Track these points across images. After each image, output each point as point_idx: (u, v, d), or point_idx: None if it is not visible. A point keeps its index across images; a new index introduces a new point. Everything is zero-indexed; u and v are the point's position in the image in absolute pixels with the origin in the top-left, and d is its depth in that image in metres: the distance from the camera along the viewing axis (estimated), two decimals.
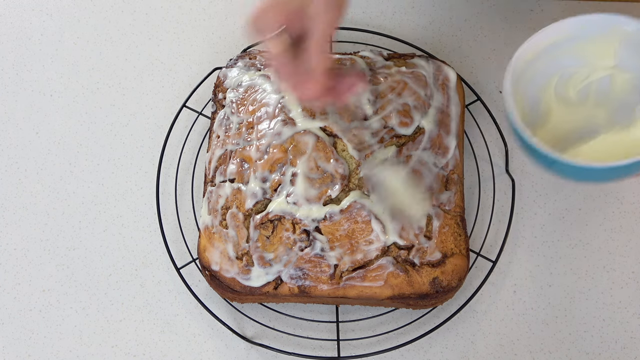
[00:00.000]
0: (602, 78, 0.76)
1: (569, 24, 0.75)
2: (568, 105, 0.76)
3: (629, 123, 0.73)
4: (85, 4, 1.02)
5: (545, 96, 0.77)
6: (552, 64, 0.76)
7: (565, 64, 0.77)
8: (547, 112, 0.76)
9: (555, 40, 0.76)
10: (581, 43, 0.76)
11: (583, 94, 0.76)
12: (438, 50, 0.97)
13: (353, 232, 0.80)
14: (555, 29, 0.75)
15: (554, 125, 0.76)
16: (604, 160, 0.69)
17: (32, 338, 0.88)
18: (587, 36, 0.75)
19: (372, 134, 0.83)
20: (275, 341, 0.86)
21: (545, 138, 0.72)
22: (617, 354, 0.84)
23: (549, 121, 0.76)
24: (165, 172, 0.93)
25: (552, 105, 0.76)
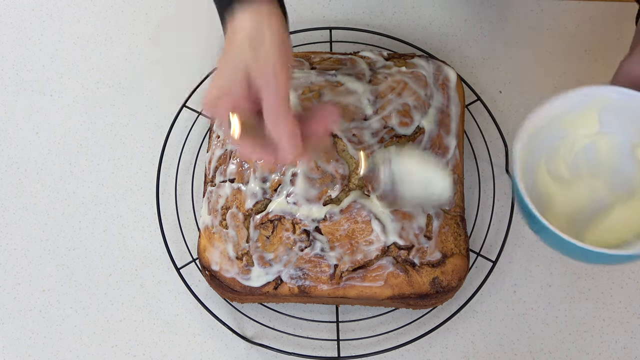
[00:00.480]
0: (587, 146, 0.72)
1: (554, 105, 0.72)
2: (565, 184, 0.73)
3: (631, 191, 0.72)
4: (85, 4, 1.02)
5: (540, 180, 0.74)
6: (538, 145, 0.72)
7: (548, 142, 0.75)
8: (547, 196, 0.74)
9: (541, 124, 0.73)
10: (564, 117, 0.74)
11: (574, 167, 0.73)
12: (438, 50, 0.97)
13: (353, 232, 0.80)
14: (544, 111, 0.72)
15: (559, 210, 0.73)
16: (622, 238, 0.67)
17: (32, 338, 0.88)
18: (569, 110, 0.73)
19: (372, 134, 0.83)
20: (275, 341, 0.86)
21: (557, 225, 0.68)
22: (617, 354, 0.84)
23: (553, 205, 0.74)
24: (165, 172, 0.93)
25: (550, 189, 0.73)
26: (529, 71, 0.96)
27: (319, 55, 0.89)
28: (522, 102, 0.94)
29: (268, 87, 0.66)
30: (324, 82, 0.85)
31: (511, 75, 0.96)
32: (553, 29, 0.97)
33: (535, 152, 0.72)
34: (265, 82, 0.66)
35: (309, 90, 0.85)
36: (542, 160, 0.73)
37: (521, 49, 0.97)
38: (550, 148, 0.74)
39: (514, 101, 0.94)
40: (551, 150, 0.73)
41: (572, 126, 0.73)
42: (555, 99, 0.71)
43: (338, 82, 0.85)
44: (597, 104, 0.71)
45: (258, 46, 0.66)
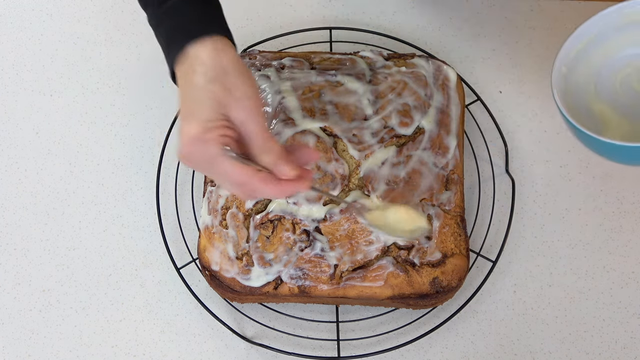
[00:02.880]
0: (633, 64, 0.75)
1: (584, 30, 0.75)
2: (617, 106, 0.75)
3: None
4: (85, 4, 1.02)
5: (593, 105, 0.77)
6: (584, 73, 0.77)
7: (595, 69, 0.77)
8: (602, 118, 0.76)
9: (581, 46, 0.76)
10: (604, 42, 0.76)
11: (625, 87, 0.76)
12: (438, 50, 0.97)
13: (353, 232, 0.80)
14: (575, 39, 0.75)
15: (616, 130, 0.75)
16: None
17: (32, 338, 0.88)
18: (605, 34, 0.75)
19: (372, 134, 0.83)
20: (275, 341, 0.86)
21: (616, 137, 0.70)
22: (617, 354, 0.84)
23: (610, 126, 0.76)
24: (165, 172, 0.93)
25: (604, 112, 0.76)
26: (529, 71, 0.96)
27: (319, 55, 0.89)
28: (522, 102, 0.94)
29: (250, 119, 0.64)
30: (324, 82, 0.85)
31: (511, 75, 0.96)
32: (553, 29, 0.97)
33: (582, 80, 0.76)
34: (245, 114, 0.64)
35: (309, 90, 0.85)
36: (591, 87, 0.76)
37: (521, 49, 0.97)
38: (597, 75, 0.76)
39: (514, 101, 0.94)
40: (598, 77, 0.76)
41: (615, 49, 0.76)
42: (580, 27, 0.75)
43: (338, 82, 0.85)
44: (630, 17, 0.74)
45: (223, 77, 0.65)
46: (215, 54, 0.65)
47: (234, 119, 0.65)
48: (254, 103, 0.65)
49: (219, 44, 0.66)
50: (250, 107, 0.65)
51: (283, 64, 0.88)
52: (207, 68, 0.65)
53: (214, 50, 0.65)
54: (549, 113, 0.93)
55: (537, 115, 0.94)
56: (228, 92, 0.65)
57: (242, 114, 0.65)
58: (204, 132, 0.63)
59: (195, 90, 0.65)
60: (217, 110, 0.64)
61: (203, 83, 0.65)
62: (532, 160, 0.92)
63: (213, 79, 0.65)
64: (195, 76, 0.65)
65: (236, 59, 0.66)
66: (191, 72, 0.65)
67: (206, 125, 0.63)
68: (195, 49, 0.66)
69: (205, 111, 0.64)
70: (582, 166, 0.91)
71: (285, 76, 0.86)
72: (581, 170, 0.91)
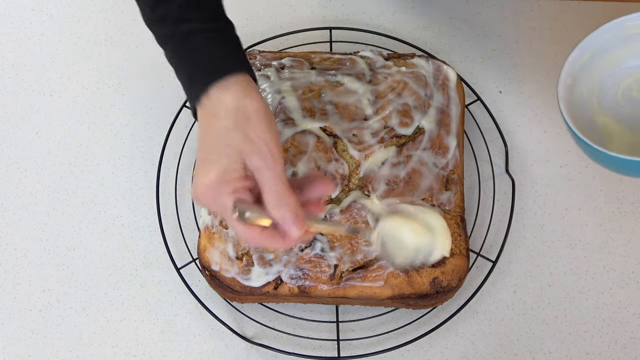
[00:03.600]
0: (635, 76, 0.77)
1: (589, 41, 0.76)
2: (620, 117, 0.76)
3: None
4: (85, 4, 1.02)
5: (596, 116, 0.78)
6: (587, 84, 0.78)
7: (598, 80, 0.78)
8: (605, 129, 0.77)
9: (586, 58, 0.76)
10: (607, 53, 0.77)
11: (627, 99, 0.77)
12: (438, 50, 0.97)
13: None
14: (580, 50, 0.76)
15: (619, 141, 0.76)
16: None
17: (32, 338, 0.88)
18: (609, 46, 0.76)
19: (372, 134, 0.83)
20: (275, 341, 0.86)
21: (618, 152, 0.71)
22: (617, 354, 0.84)
23: (612, 137, 0.77)
24: (165, 172, 0.93)
25: (607, 123, 0.77)
26: (529, 71, 0.96)
27: (319, 55, 0.89)
28: (522, 102, 0.94)
29: (266, 166, 0.64)
30: (324, 82, 0.85)
31: (511, 75, 0.96)
32: (553, 29, 0.97)
33: (586, 91, 0.77)
34: (261, 161, 0.64)
35: (309, 90, 0.85)
36: (594, 98, 0.77)
37: (521, 49, 0.97)
38: (600, 86, 0.77)
39: (514, 101, 0.94)
40: (600, 88, 0.77)
41: (617, 61, 0.77)
42: (586, 38, 0.76)
43: (338, 82, 0.85)
44: (633, 30, 0.75)
45: (245, 124, 0.64)
46: (238, 98, 0.65)
47: (250, 165, 0.64)
48: (272, 150, 0.65)
49: (242, 84, 0.66)
50: (267, 155, 0.64)
51: (283, 64, 0.88)
52: (229, 114, 0.65)
53: (236, 93, 0.65)
54: (549, 113, 0.93)
55: (537, 115, 0.94)
56: (248, 138, 0.64)
57: (259, 161, 0.64)
58: (218, 183, 0.64)
59: (216, 136, 0.65)
60: (235, 160, 0.64)
61: (224, 130, 0.64)
62: (532, 160, 0.92)
63: (234, 126, 0.64)
64: (217, 122, 0.65)
65: (259, 103, 0.66)
66: (213, 116, 0.65)
67: (222, 177, 0.64)
68: (218, 92, 0.65)
69: (223, 161, 0.64)
70: (582, 166, 0.91)
71: (285, 76, 0.86)
72: (581, 170, 0.91)
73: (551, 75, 0.95)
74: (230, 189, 0.64)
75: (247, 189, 0.65)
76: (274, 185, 0.64)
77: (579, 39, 0.97)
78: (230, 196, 0.64)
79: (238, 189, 0.64)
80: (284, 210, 0.64)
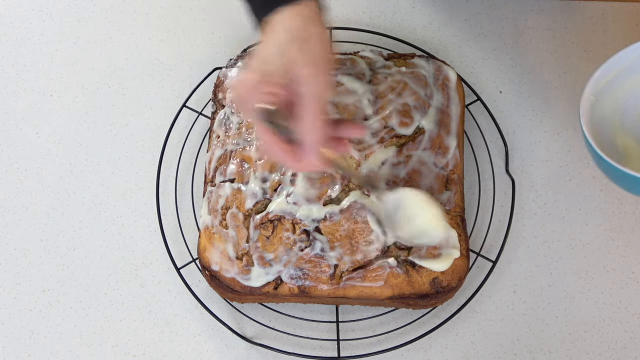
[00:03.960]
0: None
1: (615, 61, 0.77)
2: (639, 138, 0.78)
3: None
4: (85, 4, 1.02)
5: (617, 136, 0.79)
6: (611, 103, 0.79)
7: (622, 100, 0.78)
8: (624, 149, 0.78)
9: (611, 77, 0.77)
10: (633, 75, 0.77)
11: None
12: (438, 50, 0.97)
13: (353, 232, 0.80)
14: (606, 69, 0.77)
15: (637, 161, 0.77)
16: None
17: (32, 338, 0.88)
18: (634, 68, 0.77)
19: (372, 134, 0.83)
20: (275, 341, 0.86)
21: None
22: (617, 354, 0.84)
23: (631, 157, 0.77)
24: (165, 172, 0.93)
25: (627, 143, 0.78)
26: (529, 71, 0.96)
27: None
28: (522, 102, 0.94)
29: (314, 81, 0.65)
30: None
31: (511, 75, 0.96)
32: (553, 29, 0.97)
33: (608, 110, 0.78)
34: (310, 76, 0.65)
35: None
36: (617, 118, 0.78)
37: (521, 49, 0.97)
38: (623, 106, 0.79)
39: (514, 101, 0.94)
40: (624, 109, 0.78)
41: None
42: (613, 56, 0.76)
43: (338, 82, 0.85)
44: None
45: (303, 42, 0.66)
46: (303, 21, 0.66)
47: (298, 76, 0.65)
48: (323, 69, 0.66)
49: (309, 9, 0.67)
50: (317, 71, 0.65)
51: None
52: (291, 31, 0.66)
53: (302, 17, 0.66)
54: (549, 113, 0.93)
55: (537, 115, 0.94)
56: (302, 52, 0.65)
57: (308, 74, 0.65)
58: (259, 82, 0.65)
59: (274, 46, 0.66)
60: (282, 68, 0.65)
61: (284, 42, 0.66)
62: (532, 160, 0.92)
63: (292, 40, 0.66)
64: (278, 35, 0.66)
65: (320, 29, 0.67)
66: (277, 31, 0.67)
67: (264, 77, 0.65)
68: (285, 10, 0.67)
69: (271, 65, 0.65)
70: (582, 166, 0.91)
71: None
72: (581, 170, 0.91)
73: (551, 76, 0.95)
74: (267, 88, 0.65)
75: (282, 97, 0.66)
76: (313, 102, 0.65)
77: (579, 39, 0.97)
78: (265, 94, 0.65)
79: (274, 94, 0.65)
80: (314, 131, 0.65)
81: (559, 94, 0.94)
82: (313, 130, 0.66)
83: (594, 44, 0.96)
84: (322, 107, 0.66)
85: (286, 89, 0.66)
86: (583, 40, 0.96)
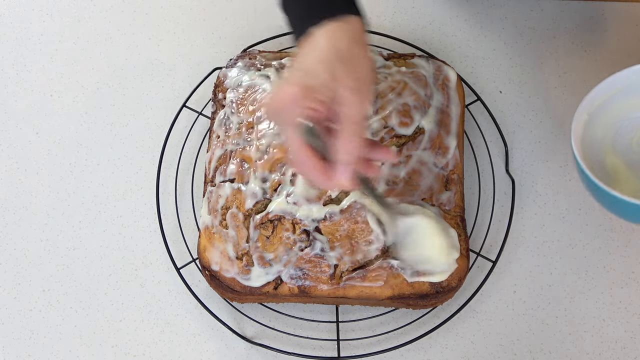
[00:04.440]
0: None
1: (609, 83, 0.77)
2: (630, 161, 0.78)
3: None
4: (85, 4, 1.02)
5: (607, 157, 0.79)
6: (603, 124, 0.79)
7: (614, 122, 0.78)
8: (614, 171, 0.78)
9: (607, 97, 0.77)
10: (626, 98, 0.78)
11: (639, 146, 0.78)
12: (438, 50, 0.97)
13: (353, 232, 0.80)
14: (600, 90, 0.77)
15: (626, 185, 0.77)
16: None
17: (32, 338, 0.88)
18: (629, 90, 0.77)
19: (372, 134, 0.83)
20: (275, 341, 0.86)
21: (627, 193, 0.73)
22: (617, 354, 0.84)
23: (620, 180, 0.78)
24: (165, 172, 0.93)
25: (617, 165, 0.78)
26: (529, 71, 0.96)
27: None
28: (522, 102, 0.94)
29: (357, 104, 0.64)
30: None
31: (511, 75, 0.96)
32: (553, 29, 0.97)
33: (600, 131, 0.78)
34: (354, 98, 0.64)
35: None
36: (609, 139, 0.78)
37: (521, 49, 0.97)
38: (616, 128, 0.79)
39: (514, 101, 0.94)
40: (616, 131, 0.78)
41: (636, 107, 0.78)
42: (610, 77, 0.76)
43: None
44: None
45: (349, 64, 0.65)
46: (348, 39, 0.66)
47: (340, 97, 0.64)
48: (367, 94, 0.65)
49: (353, 28, 0.67)
50: (362, 95, 0.65)
51: (283, 64, 0.88)
52: (336, 47, 0.65)
53: (346, 35, 0.66)
54: (549, 113, 0.93)
55: (537, 115, 0.94)
56: (350, 73, 0.64)
57: (352, 96, 0.64)
58: (302, 95, 0.64)
59: (321, 61, 0.65)
60: (327, 86, 0.64)
61: (332, 58, 0.64)
62: (532, 160, 0.92)
63: (341, 59, 0.65)
64: (324, 52, 0.65)
65: (367, 52, 0.67)
66: (321, 42, 0.66)
67: (308, 92, 0.64)
68: (331, 24, 0.66)
69: (317, 80, 0.64)
70: None
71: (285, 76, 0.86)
72: None
73: (551, 76, 0.95)
74: (310, 103, 0.64)
75: (321, 114, 0.65)
76: (353, 125, 0.65)
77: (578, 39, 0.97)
78: (306, 109, 0.64)
79: (315, 110, 0.64)
80: (349, 153, 0.65)
81: (559, 94, 0.94)
82: (349, 151, 0.65)
83: (594, 44, 0.96)
84: (360, 130, 0.65)
85: (326, 107, 0.65)
86: (583, 40, 0.96)
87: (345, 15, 0.67)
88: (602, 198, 0.75)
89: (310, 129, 0.65)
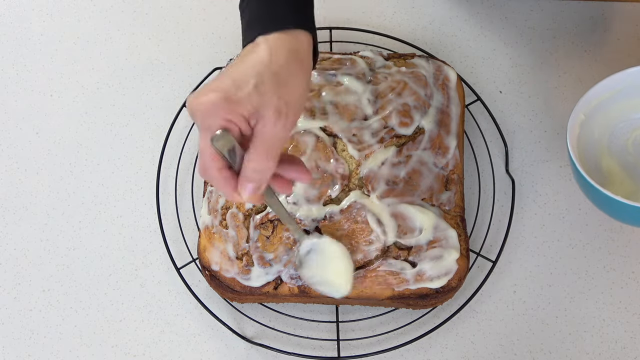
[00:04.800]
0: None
1: (604, 85, 0.78)
2: (625, 163, 0.78)
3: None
4: (85, 4, 1.02)
5: (603, 159, 0.79)
6: (599, 126, 0.79)
7: (610, 124, 0.79)
8: (609, 173, 0.78)
9: (604, 98, 0.77)
10: (622, 100, 0.78)
11: (636, 147, 0.78)
12: (438, 50, 0.97)
13: (353, 232, 0.80)
14: (596, 91, 0.77)
15: (620, 186, 0.78)
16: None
17: (32, 338, 0.88)
18: (626, 92, 0.77)
19: (372, 134, 0.83)
20: (275, 341, 0.86)
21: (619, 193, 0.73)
22: (617, 354, 0.84)
23: (614, 182, 0.78)
24: (165, 172, 0.93)
25: (612, 167, 0.78)
26: (529, 71, 0.96)
27: (319, 55, 0.89)
28: (522, 102, 0.94)
29: (274, 127, 0.62)
30: (324, 82, 0.85)
31: (511, 75, 0.96)
32: (553, 29, 0.97)
33: (596, 132, 0.78)
34: (275, 118, 0.62)
35: (309, 90, 0.84)
36: (605, 140, 0.77)
37: (521, 49, 0.97)
38: (612, 129, 0.79)
39: (514, 101, 0.94)
40: (613, 132, 0.79)
41: (636, 108, 0.77)
42: (607, 78, 0.76)
43: (338, 82, 0.85)
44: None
45: (282, 84, 0.63)
46: (287, 56, 0.64)
47: (261, 114, 0.62)
48: (290, 117, 0.63)
49: (297, 44, 0.65)
50: (284, 117, 0.63)
51: None
52: (274, 64, 0.63)
53: (286, 50, 0.64)
54: (549, 113, 0.94)
55: (537, 115, 0.94)
56: (278, 92, 0.63)
57: (273, 116, 0.62)
58: (223, 102, 0.61)
59: (253, 70, 0.63)
60: (253, 100, 0.62)
61: (264, 70, 0.63)
62: (532, 160, 0.92)
63: (272, 74, 0.63)
64: (258, 63, 0.63)
65: (302, 72, 0.65)
66: (260, 51, 0.64)
67: (230, 101, 0.61)
68: (276, 37, 0.64)
69: (243, 91, 0.62)
70: None
71: None
72: None
73: (551, 76, 0.95)
74: (228, 115, 0.62)
75: (239, 128, 0.63)
76: (269, 144, 0.63)
77: (578, 39, 0.97)
78: (223, 120, 0.62)
79: (233, 121, 0.62)
80: (259, 171, 0.63)
81: (559, 94, 0.94)
82: (254, 169, 0.63)
83: (594, 44, 0.96)
84: (275, 152, 0.63)
85: (245, 121, 0.63)
86: (583, 40, 0.96)
87: (294, 30, 0.65)
88: (596, 199, 0.75)
89: (226, 137, 0.62)
